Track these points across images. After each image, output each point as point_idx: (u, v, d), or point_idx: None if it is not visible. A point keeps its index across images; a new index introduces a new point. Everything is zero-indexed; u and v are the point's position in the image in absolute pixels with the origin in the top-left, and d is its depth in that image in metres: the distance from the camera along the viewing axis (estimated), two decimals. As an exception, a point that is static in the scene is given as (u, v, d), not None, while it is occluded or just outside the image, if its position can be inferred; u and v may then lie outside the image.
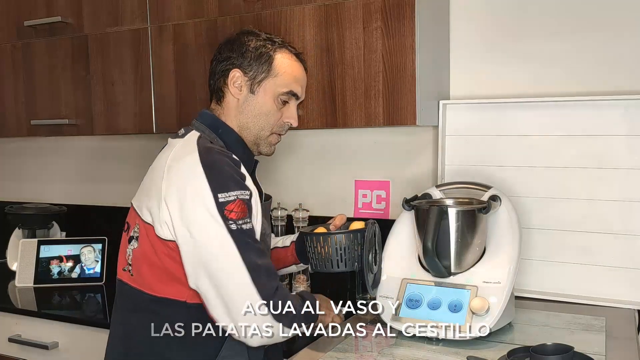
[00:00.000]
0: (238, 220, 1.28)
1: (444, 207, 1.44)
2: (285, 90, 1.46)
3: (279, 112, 1.47)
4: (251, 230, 1.30)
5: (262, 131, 1.47)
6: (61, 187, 2.74)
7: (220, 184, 1.29)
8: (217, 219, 1.27)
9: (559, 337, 1.41)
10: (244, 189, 1.31)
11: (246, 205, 1.30)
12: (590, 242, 1.73)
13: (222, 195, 1.28)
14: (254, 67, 1.44)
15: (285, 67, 1.46)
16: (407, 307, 1.45)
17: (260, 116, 1.45)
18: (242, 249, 1.27)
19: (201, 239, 1.28)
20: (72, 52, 2.18)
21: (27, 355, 2.03)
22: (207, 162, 1.31)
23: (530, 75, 1.86)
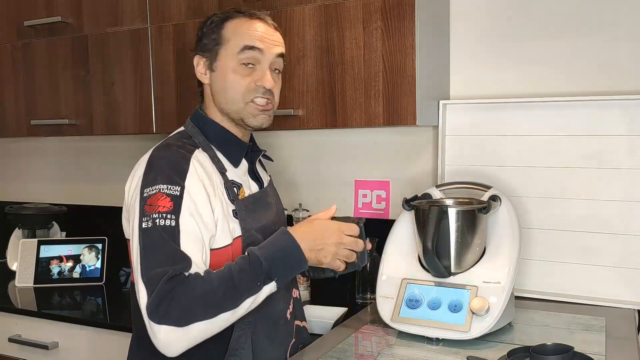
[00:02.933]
0: (153, 213, 1.21)
1: (444, 207, 1.44)
2: (239, 50, 1.35)
3: (246, 79, 1.36)
4: (168, 228, 1.21)
5: (236, 104, 1.37)
6: (61, 187, 2.74)
7: (150, 178, 1.26)
8: (136, 215, 1.24)
9: (559, 337, 1.41)
10: (172, 183, 1.24)
11: (172, 200, 1.23)
12: (590, 242, 1.73)
13: (147, 190, 1.25)
14: (207, 45, 1.37)
15: (235, 28, 1.36)
16: (407, 307, 1.45)
17: (227, 90, 1.36)
18: (144, 254, 1.20)
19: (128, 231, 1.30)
20: (72, 52, 2.18)
21: (27, 355, 2.03)
22: (151, 157, 1.31)
23: (530, 76, 1.86)
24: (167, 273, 1.18)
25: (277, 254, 1.25)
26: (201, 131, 1.39)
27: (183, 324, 1.16)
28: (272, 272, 1.23)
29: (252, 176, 1.45)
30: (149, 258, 1.20)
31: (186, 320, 1.16)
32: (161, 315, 1.16)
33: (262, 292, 1.23)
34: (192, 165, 1.29)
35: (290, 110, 1.80)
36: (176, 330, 1.16)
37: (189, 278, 1.19)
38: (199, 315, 1.17)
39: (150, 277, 1.18)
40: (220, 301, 1.19)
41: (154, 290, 1.17)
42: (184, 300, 1.17)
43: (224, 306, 1.20)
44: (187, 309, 1.17)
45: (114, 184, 2.59)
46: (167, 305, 1.16)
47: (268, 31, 1.39)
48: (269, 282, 1.23)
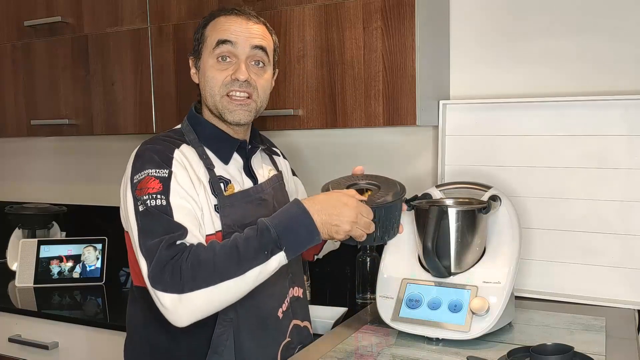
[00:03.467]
0: (144, 196, 1.24)
1: (444, 207, 1.44)
2: (214, 45, 1.37)
3: (222, 73, 1.37)
4: (160, 207, 1.23)
5: (213, 98, 1.38)
6: (61, 187, 2.74)
7: (138, 166, 1.30)
8: (129, 201, 1.28)
9: (559, 337, 1.41)
10: (160, 167, 1.28)
11: (161, 182, 1.26)
12: (590, 242, 1.73)
13: (137, 176, 1.29)
14: (194, 46, 1.43)
15: (214, 26, 1.39)
16: (407, 307, 1.45)
17: (206, 86, 1.39)
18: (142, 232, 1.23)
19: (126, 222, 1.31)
20: (72, 52, 2.18)
21: (27, 355, 2.03)
22: (139, 150, 1.34)
23: (530, 75, 1.86)
24: (164, 241, 1.19)
25: (288, 224, 1.21)
26: (194, 130, 1.42)
27: (186, 290, 1.15)
28: (281, 242, 1.20)
29: (247, 172, 1.45)
30: (146, 234, 1.23)
31: (190, 287, 1.15)
32: (165, 283, 1.16)
33: (270, 262, 1.20)
34: (176, 155, 1.33)
35: (290, 110, 1.80)
36: (180, 297, 1.16)
37: (190, 247, 1.20)
38: (203, 282, 1.16)
39: (148, 248, 1.21)
40: (223, 268, 1.17)
41: (153, 258, 1.18)
42: (185, 268, 1.16)
43: (228, 273, 1.17)
44: (190, 275, 1.15)
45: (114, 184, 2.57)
46: (170, 272, 1.16)
47: (245, 24, 1.39)
48: (278, 251, 1.20)
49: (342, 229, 1.25)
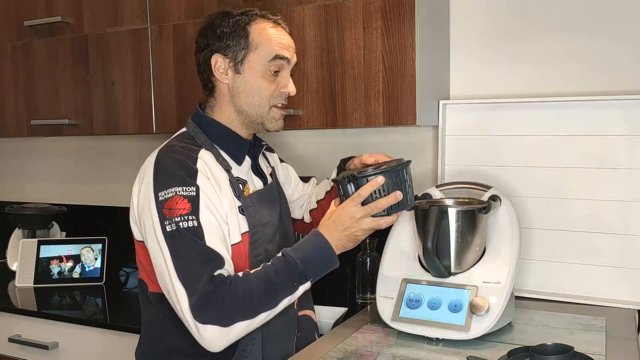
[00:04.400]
0: (175, 217, 1.24)
1: (444, 207, 1.44)
2: (271, 58, 1.38)
3: (272, 85, 1.40)
4: (193, 229, 1.24)
5: (261, 109, 1.40)
6: (61, 187, 2.74)
7: (162, 181, 1.28)
8: (154, 220, 1.26)
9: (559, 337, 1.41)
10: (186, 184, 1.27)
11: (190, 202, 1.25)
12: (590, 242, 1.73)
13: (162, 194, 1.26)
14: (231, 46, 1.37)
15: (264, 35, 1.38)
16: (407, 307, 1.45)
17: (253, 95, 1.39)
18: (176, 254, 1.23)
19: (147, 239, 1.29)
20: (72, 52, 2.18)
21: (27, 355, 2.03)
22: (158, 160, 1.32)
23: (530, 76, 1.86)
24: (205, 274, 1.22)
25: (312, 256, 1.29)
26: (203, 131, 1.41)
27: (227, 323, 1.21)
28: (307, 273, 1.28)
29: (256, 172, 1.46)
30: (181, 259, 1.23)
31: (230, 320, 1.21)
32: (207, 316, 1.20)
33: (298, 291, 1.28)
34: (200, 164, 1.32)
35: (290, 110, 1.80)
36: (221, 329, 1.21)
37: (229, 279, 1.23)
38: (242, 315, 1.22)
39: (187, 277, 1.22)
40: (260, 301, 1.24)
41: (194, 291, 1.21)
42: (228, 302, 1.21)
43: (264, 306, 1.24)
44: (231, 309, 1.21)
45: (114, 184, 2.59)
46: (212, 306, 1.20)
47: (290, 40, 1.44)
48: (305, 282, 1.29)
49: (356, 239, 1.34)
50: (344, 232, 1.31)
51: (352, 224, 1.31)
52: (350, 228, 1.31)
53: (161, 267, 1.26)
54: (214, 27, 1.39)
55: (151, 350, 1.42)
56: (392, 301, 1.48)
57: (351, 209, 1.31)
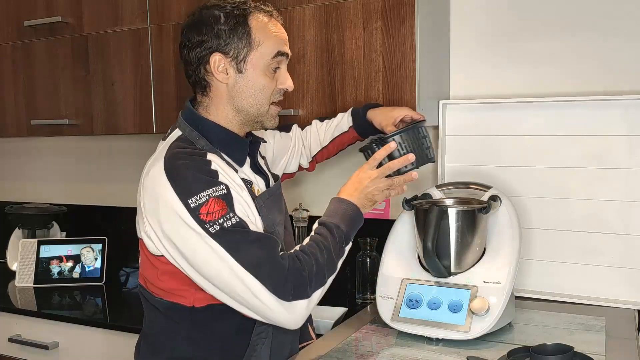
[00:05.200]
0: (218, 220, 1.21)
1: (444, 207, 1.44)
2: (273, 55, 1.35)
3: (272, 82, 1.37)
4: (238, 224, 1.22)
5: (262, 107, 1.37)
6: (61, 187, 2.74)
7: (187, 189, 1.22)
8: (194, 227, 1.21)
9: (559, 337, 1.41)
10: (215, 185, 1.24)
11: (224, 200, 1.23)
12: (590, 242, 1.73)
13: (193, 200, 1.22)
14: (232, 44, 1.32)
15: (264, 32, 1.34)
16: (407, 307, 1.45)
17: (255, 94, 1.36)
18: (233, 249, 1.20)
19: (188, 252, 1.23)
20: (72, 52, 2.18)
21: (27, 355, 2.03)
22: (170, 171, 1.25)
23: (530, 75, 1.86)
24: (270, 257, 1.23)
25: (346, 219, 1.36)
26: (202, 135, 1.35)
27: (311, 293, 1.26)
28: (349, 234, 1.36)
29: (256, 170, 1.43)
30: (240, 251, 1.22)
31: (313, 290, 1.26)
32: (292, 293, 1.23)
33: (345, 252, 1.36)
34: (214, 166, 1.28)
35: (290, 110, 1.80)
36: (305, 302, 1.25)
37: (295, 256, 1.27)
38: (317, 284, 1.28)
39: (254, 263, 1.22)
40: (327, 267, 1.29)
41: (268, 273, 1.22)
42: (305, 274, 1.25)
43: (329, 271, 1.31)
44: (309, 281, 1.25)
45: (114, 184, 2.59)
46: (293, 281, 1.23)
47: (285, 33, 1.41)
48: (349, 242, 1.37)
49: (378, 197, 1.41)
50: (362, 192, 1.39)
51: (368, 184, 1.39)
52: (367, 188, 1.39)
53: (220, 270, 1.21)
54: (210, 23, 1.32)
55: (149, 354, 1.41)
56: (392, 301, 1.48)
57: (368, 171, 1.40)
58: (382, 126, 1.59)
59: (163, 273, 1.31)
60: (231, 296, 1.24)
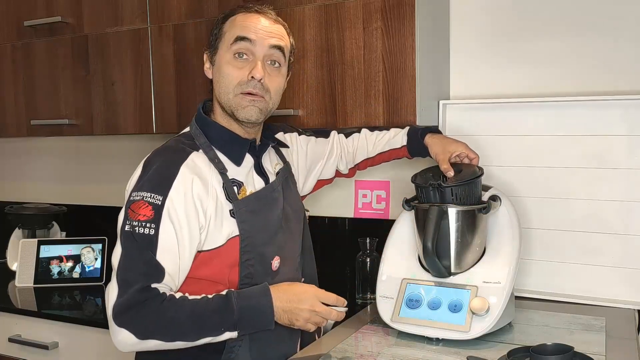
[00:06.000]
0: (134, 221, 1.26)
1: (444, 207, 1.44)
2: (232, 41, 1.35)
3: (238, 71, 1.35)
4: (146, 237, 1.25)
5: (227, 95, 1.36)
6: (61, 187, 2.74)
7: (140, 183, 1.30)
8: (121, 215, 1.30)
9: (559, 337, 1.41)
10: (156, 192, 1.27)
11: (153, 209, 1.26)
12: (590, 242, 1.73)
13: (134, 194, 1.29)
14: (210, 42, 1.41)
15: (233, 22, 1.38)
16: (407, 307, 1.45)
17: (221, 81, 1.37)
18: (123, 257, 1.26)
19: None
20: (72, 52, 2.18)
21: (27, 355, 2.03)
22: (147, 159, 1.34)
23: (530, 75, 1.86)
24: (140, 283, 1.24)
25: (251, 311, 1.28)
26: (203, 132, 1.40)
27: (142, 337, 1.23)
28: (239, 324, 1.27)
29: (258, 171, 1.44)
30: (126, 261, 1.26)
31: (146, 335, 1.23)
32: (126, 321, 1.23)
33: (222, 337, 1.28)
34: (181, 171, 1.30)
35: (290, 110, 1.80)
36: (134, 338, 1.23)
37: (163, 296, 1.24)
38: (160, 336, 1.24)
39: (124, 279, 1.24)
40: (182, 331, 1.24)
41: (125, 293, 1.23)
42: (152, 318, 1.23)
43: (184, 336, 1.25)
44: (152, 326, 1.23)
45: (114, 184, 2.58)
46: (135, 314, 1.23)
47: (264, 22, 1.38)
48: (233, 331, 1.27)
49: (301, 316, 1.31)
50: (290, 299, 1.30)
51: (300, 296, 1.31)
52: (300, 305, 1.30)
53: (113, 259, 1.28)
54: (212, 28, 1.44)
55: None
56: (392, 301, 1.48)
57: (307, 287, 1.35)
58: (437, 158, 1.55)
59: None
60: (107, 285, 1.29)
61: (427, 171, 1.55)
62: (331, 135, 1.70)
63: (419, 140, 1.61)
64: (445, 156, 1.52)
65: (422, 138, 1.61)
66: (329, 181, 1.72)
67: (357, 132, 1.71)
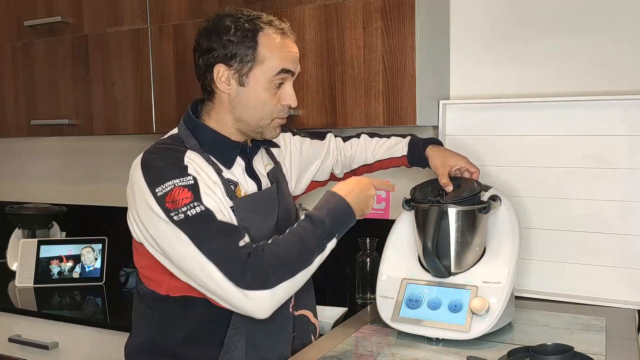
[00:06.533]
0: (181, 208, 1.24)
1: (444, 207, 1.44)
2: (276, 72, 1.35)
3: (275, 97, 1.37)
4: (202, 212, 1.24)
5: (262, 121, 1.38)
6: (61, 187, 2.74)
7: (156, 178, 1.27)
8: (160, 215, 1.25)
9: (559, 337, 1.41)
10: (182, 175, 1.28)
11: (189, 190, 1.26)
12: (590, 242, 1.73)
13: (159, 189, 1.26)
14: (237, 57, 1.33)
15: (271, 48, 1.34)
16: (407, 307, 1.45)
17: (256, 108, 1.37)
18: (194, 237, 1.23)
19: (158, 238, 1.27)
20: (72, 52, 2.18)
21: (27, 355, 2.03)
22: (144, 161, 1.31)
23: (530, 75, 1.86)
24: (231, 244, 1.23)
25: (334, 213, 1.32)
26: (193, 135, 1.39)
27: (272, 285, 1.22)
28: (333, 230, 1.30)
29: (249, 173, 1.44)
30: (201, 238, 1.23)
31: (272, 282, 1.22)
32: (248, 280, 1.21)
33: (327, 249, 1.30)
34: (187, 161, 1.32)
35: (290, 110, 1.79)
36: (267, 292, 1.22)
37: (259, 246, 1.25)
38: (282, 276, 1.24)
39: (213, 251, 1.22)
40: (297, 260, 1.26)
41: (226, 263, 1.22)
42: (266, 264, 1.23)
43: (301, 264, 1.26)
44: (271, 271, 1.23)
45: (114, 184, 2.59)
46: (251, 269, 1.21)
47: (296, 50, 1.41)
48: (332, 238, 1.31)
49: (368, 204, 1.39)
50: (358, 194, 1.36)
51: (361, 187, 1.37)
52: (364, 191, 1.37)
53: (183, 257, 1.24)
54: (220, 32, 1.34)
55: (136, 345, 1.42)
56: (392, 301, 1.48)
57: (361, 177, 1.41)
58: (437, 171, 1.55)
59: (144, 259, 1.35)
60: (197, 283, 1.26)
61: (426, 185, 1.55)
62: (327, 138, 1.70)
63: (419, 151, 1.61)
64: (445, 170, 1.53)
65: (423, 149, 1.61)
66: (322, 183, 1.73)
67: (356, 138, 1.71)
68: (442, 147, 1.63)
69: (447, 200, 1.45)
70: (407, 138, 1.66)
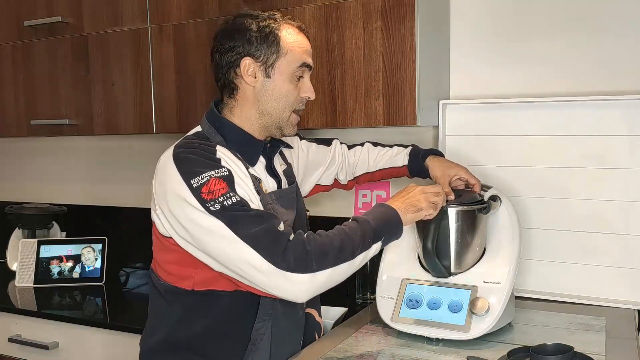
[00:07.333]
0: (218, 198, 1.25)
1: (444, 207, 1.44)
2: (299, 65, 1.42)
3: (296, 90, 1.43)
4: (238, 202, 1.26)
5: (284, 113, 1.43)
6: (61, 187, 2.74)
7: (191, 171, 1.29)
8: (197, 206, 1.26)
9: (559, 337, 1.41)
10: (216, 167, 1.30)
11: (225, 181, 1.28)
12: (590, 242, 1.73)
13: (195, 181, 1.27)
14: (262, 50, 1.40)
15: (293, 42, 1.42)
16: (407, 307, 1.45)
17: (280, 98, 1.42)
18: (232, 224, 1.24)
19: (191, 230, 1.28)
20: (72, 52, 2.18)
21: (27, 355, 2.03)
22: (177, 155, 1.33)
23: (530, 75, 1.86)
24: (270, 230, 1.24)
25: (381, 216, 1.34)
26: (219, 132, 1.42)
27: (314, 269, 1.23)
28: (379, 232, 1.31)
29: (270, 172, 1.47)
30: (240, 225, 1.24)
31: (316, 267, 1.23)
32: (290, 263, 1.22)
33: (372, 249, 1.31)
34: (219, 154, 1.34)
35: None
36: (308, 276, 1.22)
37: (301, 232, 1.27)
38: (327, 263, 1.24)
39: (253, 236, 1.23)
40: (341, 251, 1.26)
41: (268, 246, 1.23)
42: (310, 248, 1.24)
43: (344, 256, 1.26)
44: (316, 256, 1.23)
45: (114, 184, 2.59)
46: (293, 253, 1.22)
47: (310, 47, 1.47)
48: (377, 241, 1.31)
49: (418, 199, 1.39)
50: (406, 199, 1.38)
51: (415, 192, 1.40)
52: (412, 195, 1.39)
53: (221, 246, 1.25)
54: (242, 30, 1.40)
55: (155, 341, 1.42)
56: (392, 301, 1.48)
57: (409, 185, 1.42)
58: (437, 181, 1.57)
59: (170, 254, 1.35)
60: (233, 271, 1.26)
61: None
62: (333, 144, 1.74)
63: (419, 162, 1.64)
64: (445, 180, 1.56)
65: (423, 159, 1.63)
66: (326, 188, 1.76)
67: (360, 146, 1.75)
68: (443, 158, 1.65)
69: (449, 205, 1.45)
70: (409, 148, 1.69)
